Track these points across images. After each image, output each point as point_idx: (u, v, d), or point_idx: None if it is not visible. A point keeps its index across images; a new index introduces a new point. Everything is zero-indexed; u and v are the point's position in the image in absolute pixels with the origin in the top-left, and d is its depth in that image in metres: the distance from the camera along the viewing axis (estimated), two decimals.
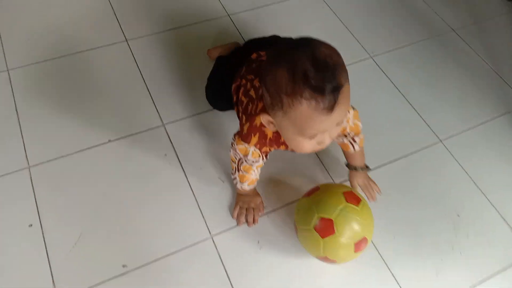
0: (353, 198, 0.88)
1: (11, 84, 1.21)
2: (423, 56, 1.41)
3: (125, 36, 1.34)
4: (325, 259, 0.89)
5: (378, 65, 1.36)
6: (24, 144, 1.10)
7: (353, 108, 0.92)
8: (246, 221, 1.02)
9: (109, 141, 1.13)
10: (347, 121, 0.90)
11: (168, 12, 1.42)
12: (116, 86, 1.23)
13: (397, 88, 1.31)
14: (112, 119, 1.17)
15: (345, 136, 0.96)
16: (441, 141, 1.21)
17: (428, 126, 1.23)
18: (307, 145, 0.78)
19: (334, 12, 1.49)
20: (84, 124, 1.15)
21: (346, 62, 0.72)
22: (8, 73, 1.23)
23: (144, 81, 1.25)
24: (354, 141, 0.97)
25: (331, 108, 0.69)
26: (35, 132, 1.13)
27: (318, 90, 0.67)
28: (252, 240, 1.00)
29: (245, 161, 0.92)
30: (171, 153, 1.12)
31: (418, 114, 1.25)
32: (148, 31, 1.37)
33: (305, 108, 0.69)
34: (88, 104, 1.19)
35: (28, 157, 1.08)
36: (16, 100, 1.18)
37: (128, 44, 1.32)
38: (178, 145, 1.14)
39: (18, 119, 1.14)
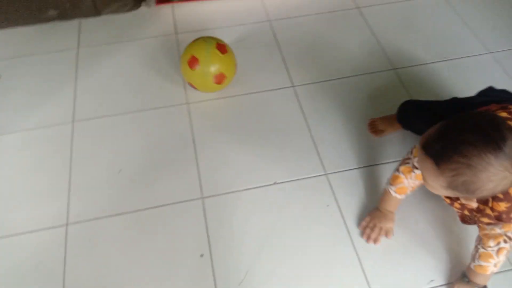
0: (222, 48, 1.26)
1: (190, 115, 1.33)
2: None
3: (292, 82, 1.40)
4: (190, 84, 1.31)
5: None
6: (199, 174, 1.19)
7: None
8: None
9: (275, 183, 1.17)
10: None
11: (333, 63, 1.46)
12: (282, 129, 1.29)
13: None
14: (278, 162, 1.21)
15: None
16: None
17: None
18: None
19: None
20: (252, 163, 1.21)
21: None
22: (188, 106, 1.35)
23: (309, 128, 1.28)
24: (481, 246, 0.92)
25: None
26: (210, 164, 1.22)
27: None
28: None
29: (410, 163, 0.98)
30: (333, 205, 1.13)
31: None
32: (313, 79, 1.41)
33: None
34: (257, 142, 1.26)
35: (202, 189, 1.17)
36: (194, 130, 1.29)
37: (295, 90, 1.38)
38: (341, 196, 1.14)
39: (195, 149, 1.25)
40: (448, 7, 1.62)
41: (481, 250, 0.91)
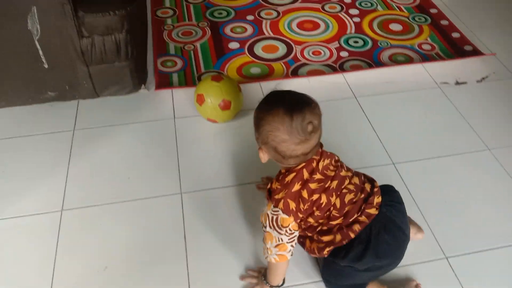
0: (216, 78, 1.44)
1: (182, 206, 1.28)
2: None
3: None
4: (210, 120, 1.49)
5: None
6: (188, 274, 1.13)
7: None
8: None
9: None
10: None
11: None
12: None
13: None
14: None
15: None
16: None
17: None
18: None
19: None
20: (242, 259, 1.16)
21: None
22: (181, 196, 1.31)
23: None
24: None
25: None
26: (201, 261, 1.16)
27: None
28: None
29: None
30: None
31: None
32: None
33: None
34: (245, 238, 1.21)
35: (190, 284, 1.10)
36: (186, 223, 1.24)
37: None
38: None
39: (185, 245, 1.19)
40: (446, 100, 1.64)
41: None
